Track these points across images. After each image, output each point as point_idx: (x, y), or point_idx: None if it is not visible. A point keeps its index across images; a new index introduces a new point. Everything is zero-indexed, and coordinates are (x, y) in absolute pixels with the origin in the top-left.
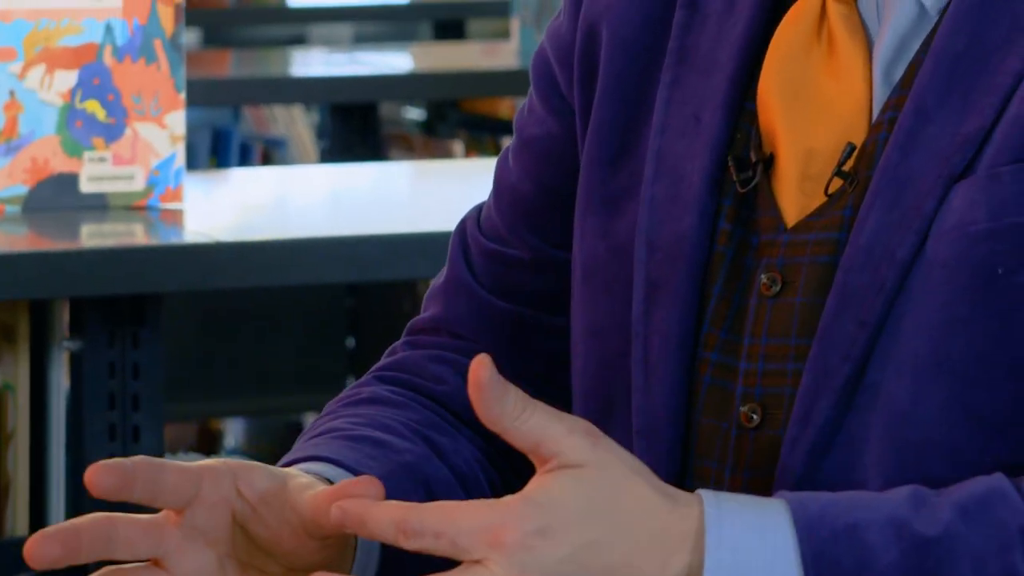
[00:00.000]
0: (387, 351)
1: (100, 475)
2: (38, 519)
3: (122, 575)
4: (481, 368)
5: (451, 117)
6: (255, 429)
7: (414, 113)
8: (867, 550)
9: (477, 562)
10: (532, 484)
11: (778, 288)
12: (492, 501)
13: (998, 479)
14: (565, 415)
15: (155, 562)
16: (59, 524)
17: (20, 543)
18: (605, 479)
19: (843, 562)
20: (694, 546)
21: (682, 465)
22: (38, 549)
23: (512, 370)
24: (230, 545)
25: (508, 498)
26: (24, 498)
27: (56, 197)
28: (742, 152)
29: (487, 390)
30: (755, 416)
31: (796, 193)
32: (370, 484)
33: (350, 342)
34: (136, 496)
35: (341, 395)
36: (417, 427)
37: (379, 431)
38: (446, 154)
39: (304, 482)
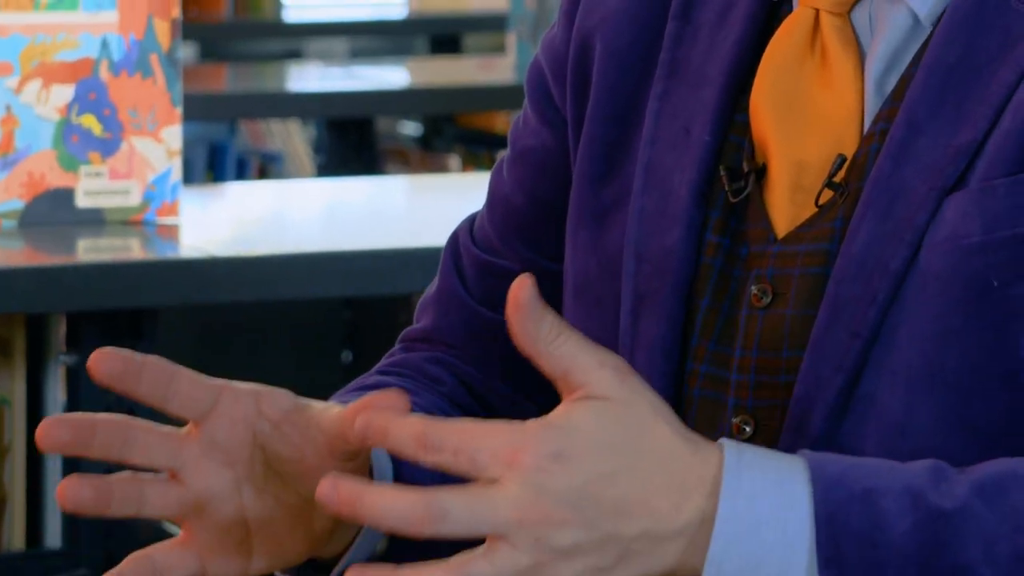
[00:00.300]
0: (386, 355)
1: (105, 359)
2: (34, 534)
3: (138, 482)
4: (521, 289)
5: (447, 132)
6: None
7: (410, 128)
8: (881, 516)
9: (493, 481)
10: (556, 411)
11: (769, 299)
12: (513, 423)
13: (1017, 463)
14: (598, 348)
15: (172, 475)
16: (76, 413)
17: (17, 558)
18: (629, 415)
19: (856, 525)
20: (710, 492)
21: None
22: (49, 430)
23: (506, 378)
24: (248, 467)
25: (530, 421)
26: (21, 513)
27: (52, 212)
28: (733, 163)
29: (525, 310)
30: (748, 428)
31: (787, 204)
32: (397, 396)
33: (347, 356)
34: (142, 392)
35: (346, 387)
36: (426, 407)
37: None
38: (442, 169)
39: (322, 405)
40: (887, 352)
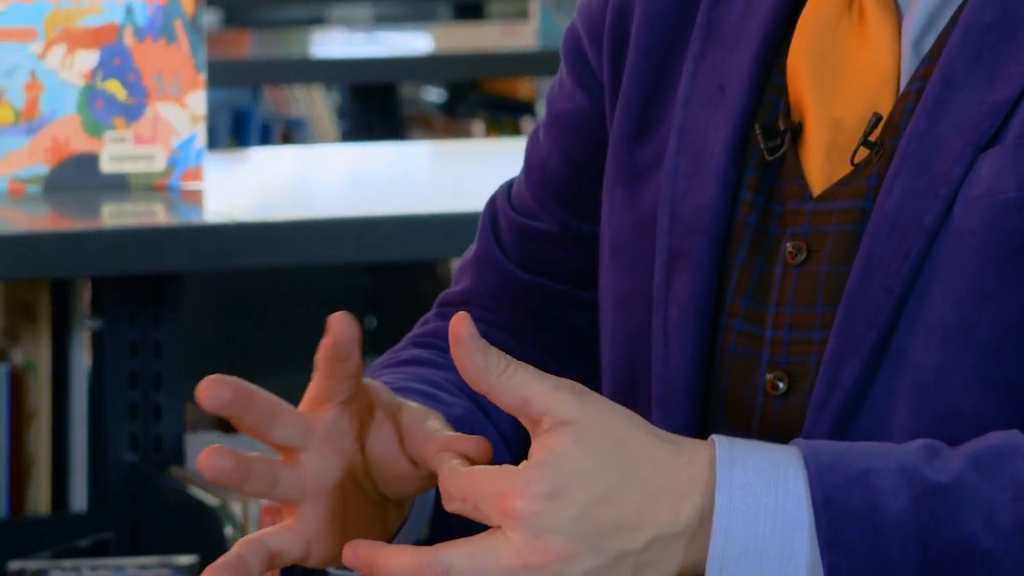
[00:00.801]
0: (419, 321)
1: (342, 324)
2: (59, 497)
3: (274, 465)
4: (461, 325)
5: (471, 98)
6: None
7: (434, 94)
8: (878, 496)
9: (499, 529)
10: (535, 447)
11: (803, 256)
12: (508, 468)
13: (1014, 435)
14: (548, 375)
15: (290, 458)
16: (237, 379)
17: (41, 522)
18: (604, 432)
19: (854, 507)
20: (704, 489)
21: (702, 434)
22: (211, 388)
23: (540, 344)
24: (352, 457)
25: (522, 464)
26: (46, 477)
27: (77, 177)
28: (768, 122)
29: (468, 344)
30: (781, 384)
31: (823, 162)
32: (479, 443)
33: (370, 322)
34: (347, 371)
35: (380, 359)
36: (461, 385)
37: (425, 385)
38: (466, 134)
39: (417, 409)
40: (920, 308)
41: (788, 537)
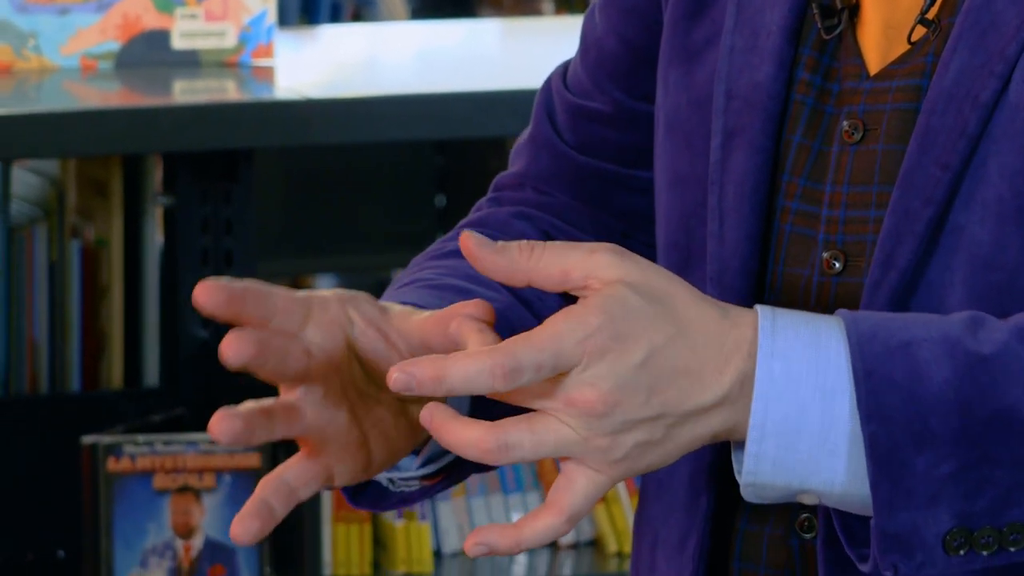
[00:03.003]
0: (473, 208)
1: (210, 293)
2: (132, 373)
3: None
4: (468, 241)
5: None
6: (345, 286)
7: None
8: (920, 367)
9: (546, 414)
10: (589, 300)
11: (860, 135)
12: (566, 317)
13: None
14: (578, 243)
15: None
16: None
17: (115, 396)
18: (654, 286)
19: (895, 378)
20: (748, 353)
21: None
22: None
23: (594, 225)
24: (348, 370)
25: (572, 312)
26: (119, 352)
27: (148, 53)
28: (825, 0)
29: (483, 253)
30: (837, 263)
31: (879, 41)
32: (480, 305)
33: (440, 200)
34: (246, 314)
35: (428, 249)
36: None
37: (464, 281)
38: (535, 13)
39: (403, 310)
40: (976, 185)
41: (828, 407)
